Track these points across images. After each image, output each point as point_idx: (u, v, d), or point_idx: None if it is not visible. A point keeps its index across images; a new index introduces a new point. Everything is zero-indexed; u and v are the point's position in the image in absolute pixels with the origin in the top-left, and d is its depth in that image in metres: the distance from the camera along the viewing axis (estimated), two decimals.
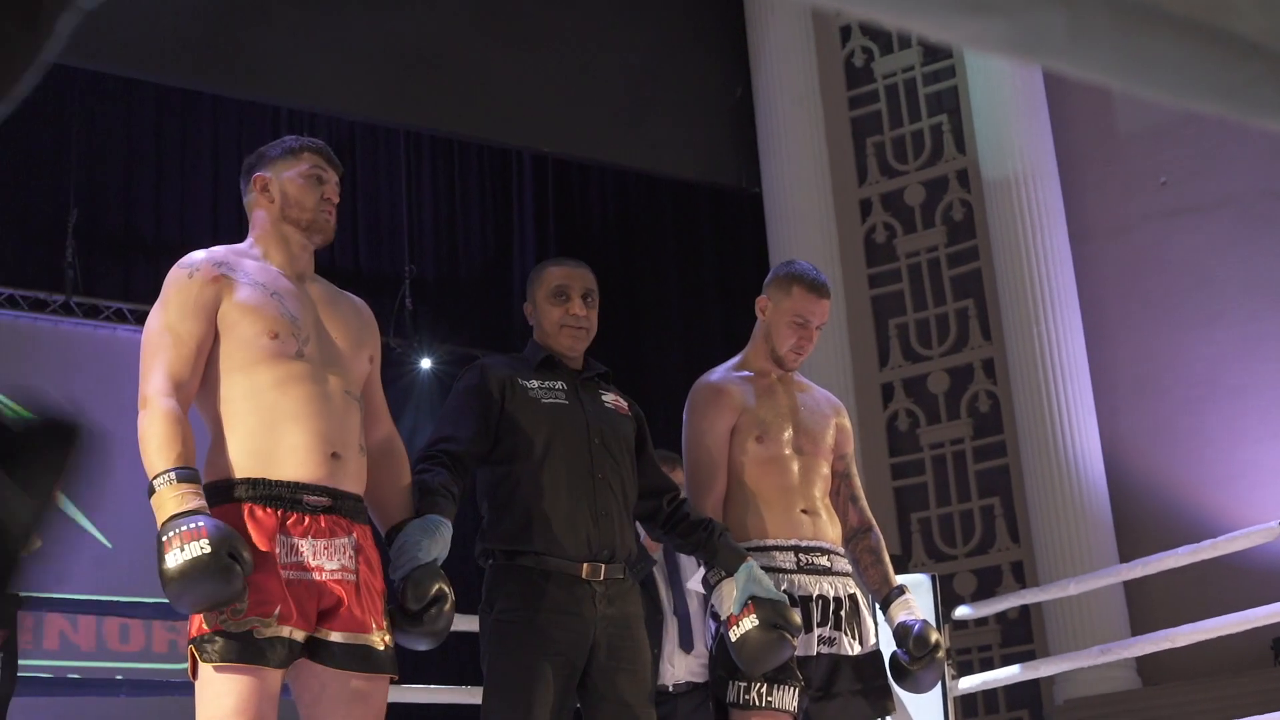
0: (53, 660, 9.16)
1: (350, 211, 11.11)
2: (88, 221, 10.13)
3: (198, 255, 3.32)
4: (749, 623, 3.68)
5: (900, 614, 4.10)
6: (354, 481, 3.26)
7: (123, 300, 10.11)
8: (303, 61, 9.13)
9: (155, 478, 3.01)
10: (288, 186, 3.40)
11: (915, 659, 4.03)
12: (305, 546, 3.11)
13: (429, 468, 3.57)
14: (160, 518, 2.97)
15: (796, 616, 3.75)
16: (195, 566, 2.88)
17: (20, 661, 5.40)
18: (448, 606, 3.27)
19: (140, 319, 9.56)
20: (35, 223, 10.09)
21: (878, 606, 4.20)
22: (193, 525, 2.92)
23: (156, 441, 3.04)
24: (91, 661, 9.43)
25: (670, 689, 4.90)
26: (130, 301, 10.05)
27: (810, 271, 4.24)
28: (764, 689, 3.80)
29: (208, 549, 2.88)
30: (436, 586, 3.23)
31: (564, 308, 3.85)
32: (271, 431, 3.16)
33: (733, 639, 3.71)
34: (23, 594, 5.56)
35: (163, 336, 3.19)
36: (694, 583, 4.87)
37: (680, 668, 4.96)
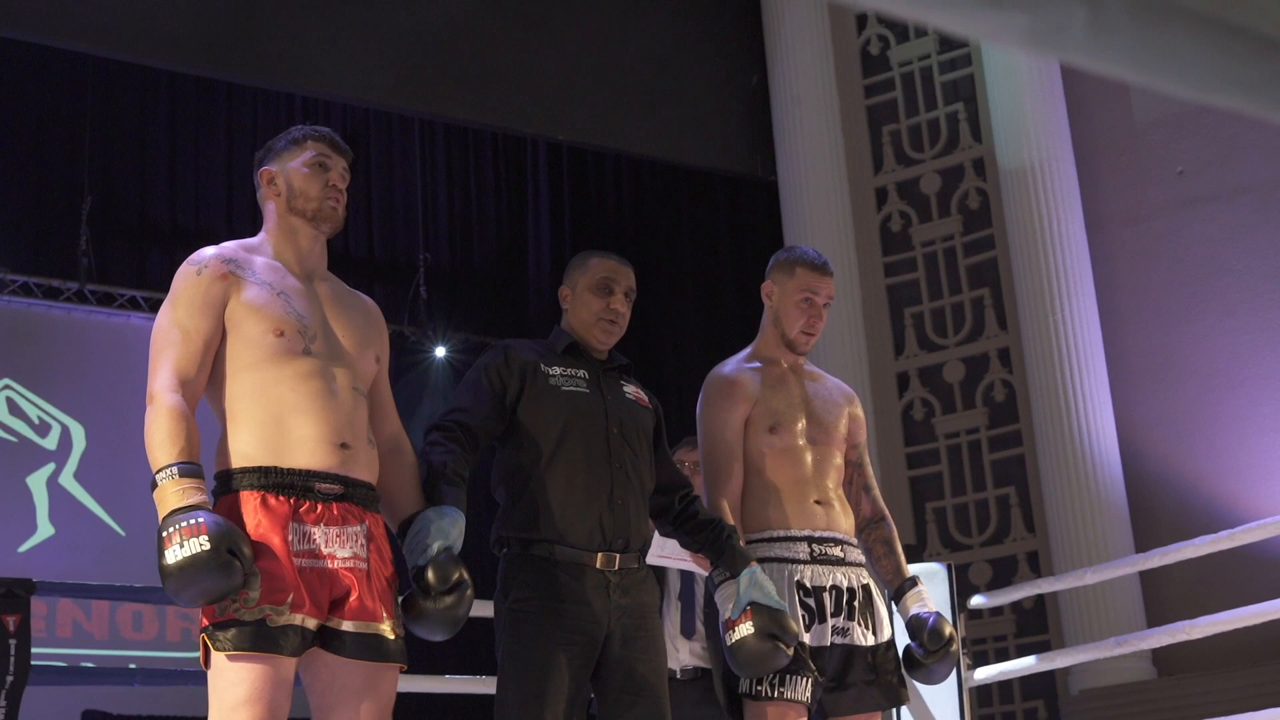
0: (66, 649, 9.19)
1: (365, 200, 11.12)
2: (102, 209, 10.14)
3: (208, 252, 3.33)
4: (745, 629, 3.67)
5: (914, 606, 4.10)
6: (365, 470, 3.26)
7: (137, 288, 10.13)
8: (317, 49, 9.13)
9: (158, 472, 3.03)
10: (292, 177, 3.40)
11: (929, 652, 4.02)
12: (318, 534, 3.13)
13: (441, 440, 3.56)
14: (161, 512, 2.99)
15: (795, 625, 3.74)
16: (194, 563, 2.89)
17: (33, 650, 5.41)
18: (469, 592, 3.26)
19: (154, 307, 9.58)
20: (49, 210, 10.10)
21: (890, 598, 4.19)
22: (193, 521, 2.93)
23: (160, 436, 3.06)
24: (105, 650, 9.46)
25: (677, 674, 4.87)
26: (144, 289, 10.07)
27: (811, 251, 4.29)
28: (776, 679, 3.79)
29: (207, 545, 2.89)
30: (458, 572, 3.23)
31: (605, 301, 3.85)
32: (281, 423, 3.17)
33: (728, 643, 3.71)
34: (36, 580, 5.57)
35: (170, 333, 3.21)
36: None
37: (684, 651, 4.95)
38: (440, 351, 11.17)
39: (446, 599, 3.21)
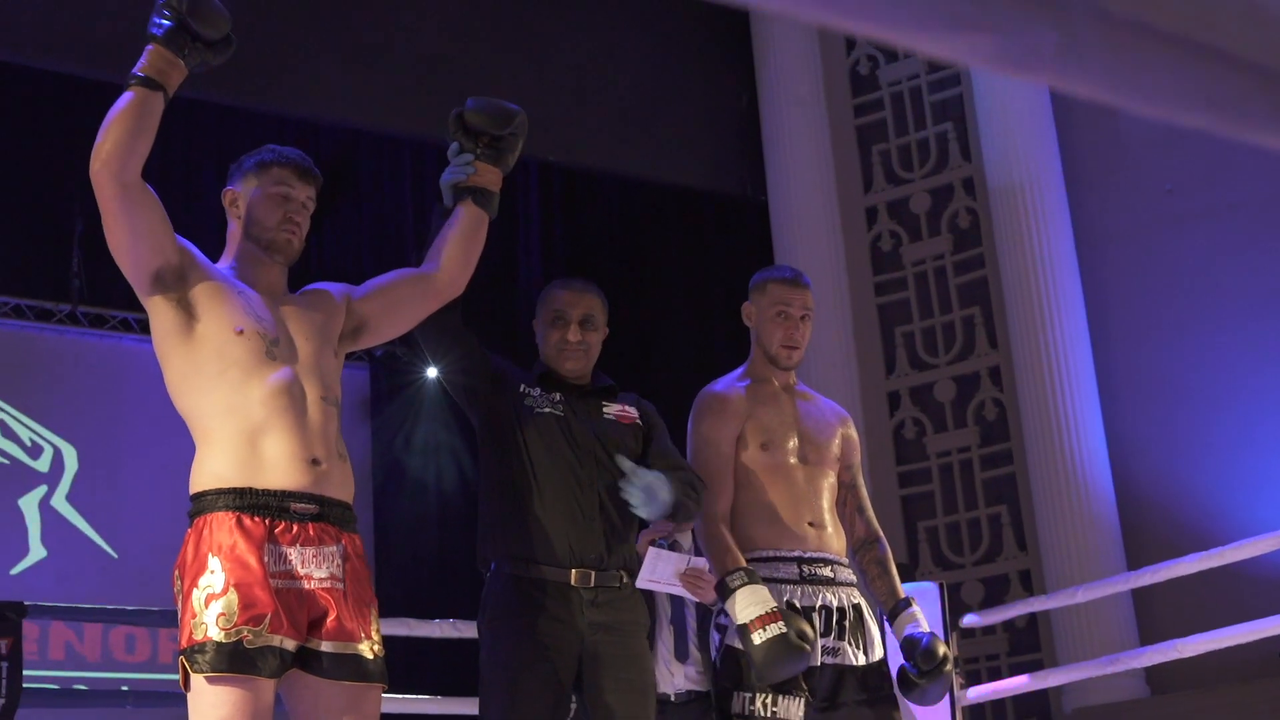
0: (59, 671, 9.16)
1: (355, 221, 11.11)
2: (93, 231, 10.07)
3: None
4: (777, 628, 3.65)
5: (907, 626, 4.09)
6: (339, 488, 3.25)
7: (128, 310, 10.10)
8: (308, 71, 9.14)
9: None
10: (252, 203, 3.39)
11: (923, 672, 4.02)
12: (294, 555, 3.12)
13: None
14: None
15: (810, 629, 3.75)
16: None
17: (25, 672, 5.40)
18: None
19: (146, 329, 9.56)
20: (41, 232, 10.08)
21: (885, 618, 4.19)
22: None
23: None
24: (97, 672, 9.43)
25: (672, 698, 4.87)
26: (136, 311, 10.03)
27: (784, 267, 4.39)
28: (769, 700, 3.78)
29: None
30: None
31: (560, 333, 3.93)
32: (253, 442, 3.15)
33: (757, 641, 3.67)
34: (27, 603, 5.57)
35: None
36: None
37: (679, 675, 4.94)
38: (432, 372, 11.15)
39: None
